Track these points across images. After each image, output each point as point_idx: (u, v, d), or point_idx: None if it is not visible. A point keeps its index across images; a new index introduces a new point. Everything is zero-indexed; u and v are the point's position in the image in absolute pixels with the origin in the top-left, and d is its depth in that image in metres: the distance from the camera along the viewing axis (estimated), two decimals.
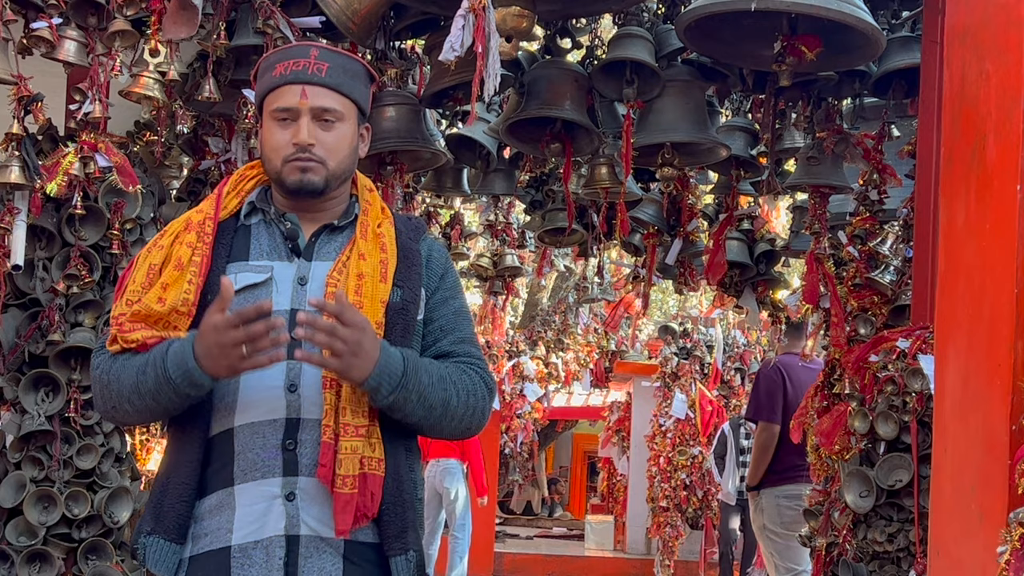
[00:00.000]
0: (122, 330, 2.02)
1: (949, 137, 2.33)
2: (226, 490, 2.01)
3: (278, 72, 2.11)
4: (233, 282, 2.02)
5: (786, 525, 5.85)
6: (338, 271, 2.06)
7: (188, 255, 2.06)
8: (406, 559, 2.04)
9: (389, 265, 2.09)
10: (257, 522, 1.99)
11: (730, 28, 3.55)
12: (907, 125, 4.47)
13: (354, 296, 2.02)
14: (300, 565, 1.98)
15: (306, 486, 1.99)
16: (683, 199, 5.18)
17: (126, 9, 3.24)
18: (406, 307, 2.09)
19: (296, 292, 2.06)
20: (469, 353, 2.16)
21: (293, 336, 1.99)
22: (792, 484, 5.81)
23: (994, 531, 1.91)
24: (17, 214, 3.29)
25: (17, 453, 3.45)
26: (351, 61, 2.19)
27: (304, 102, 2.08)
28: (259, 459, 2.00)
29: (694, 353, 11.05)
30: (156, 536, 2.01)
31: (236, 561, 1.98)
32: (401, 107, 4.17)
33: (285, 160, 2.08)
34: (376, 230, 2.13)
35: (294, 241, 2.11)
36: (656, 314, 15.94)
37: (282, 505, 1.99)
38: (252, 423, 2.01)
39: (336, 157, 2.11)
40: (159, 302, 2.02)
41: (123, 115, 3.97)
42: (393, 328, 2.06)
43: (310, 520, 1.99)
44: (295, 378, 2.02)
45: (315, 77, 2.09)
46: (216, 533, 2.01)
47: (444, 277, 2.20)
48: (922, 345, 3.22)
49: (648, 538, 11.34)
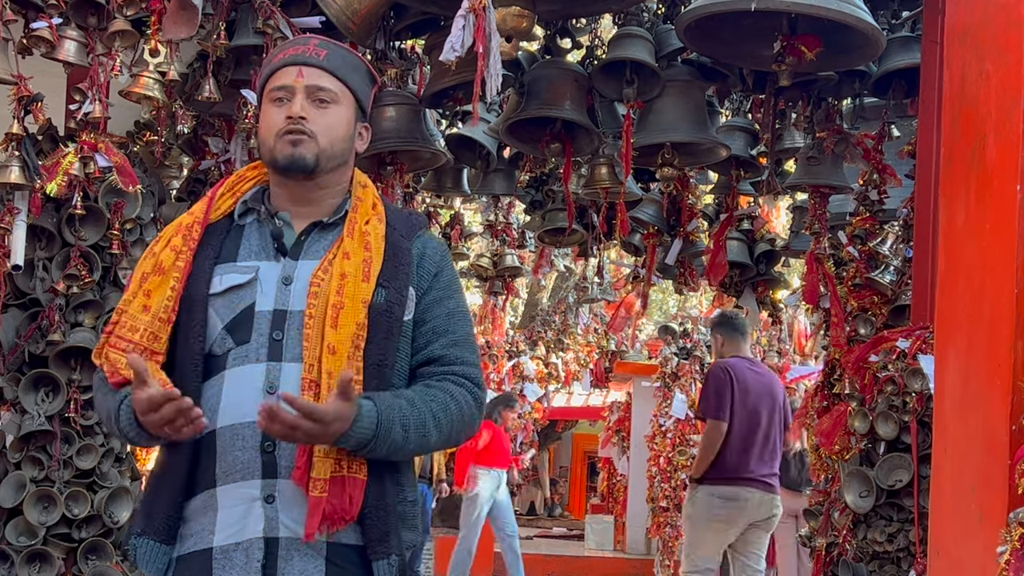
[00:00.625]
0: (114, 346, 2.05)
1: (949, 137, 2.33)
2: (209, 491, 2.01)
3: (278, 58, 2.15)
4: (219, 283, 2.04)
5: (710, 522, 5.95)
6: (323, 270, 2.04)
7: (171, 259, 2.06)
8: (388, 563, 2.02)
9: (372, 264, 2.05)
10: (237, 524, 1.99)
11: (730, 28, 3.55)
12: (907, 125, 4.47)
13: (335, 296, 2.00)
14: (279, 567, 1.97)
15: (285, 488, 1.98)
16: (683, 199, 5.18)
17: (126, 9, 3.24)
18: (390, 308, 2.05)
19: (280, 292, 2.05)
20: (461, 359, 2.11)
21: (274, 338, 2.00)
22: (730, 486, 5.90)
23: (994, 531, 1.91)
24: (17, 214, 3.29)
25: (17, 453, 3.45)
26: (351, 54, 2.20)
27: (299, 80, 2.09)
28: (239, 461, 1.99)
29: (694, 353, 11.03)
30: (146, 537, 2.02)
31: (217, 563, 1.98)
32: (401, 107, 4.17)
33: (278, 135, 2.09)
34: (363, 227, 2.10)
35: (279, 240, 2.10)
36: (656, 314, 15.95)
37: (261, 507, 1.98)
38: (233, 425, 2.00)
39: (328, 136, 2.10)
40: (144, 310, 2.03)
41: (123, 115, 3.97)
42: (376, 330, 2.02)
43: (289, 522, 1.98)
44: (275, 380, 2.00)
45: (312, 59, 2.12)
46: (200, 534, 2.01)
47: (438, 276, 2.15)
48: (922, 345, 3.22)
49: (648, 538, 11.33)
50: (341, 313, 1.99)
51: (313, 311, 2.00)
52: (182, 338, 2.04)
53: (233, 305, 2.04)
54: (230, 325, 2.03)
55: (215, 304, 2.04)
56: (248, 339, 2.02)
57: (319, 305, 2.00)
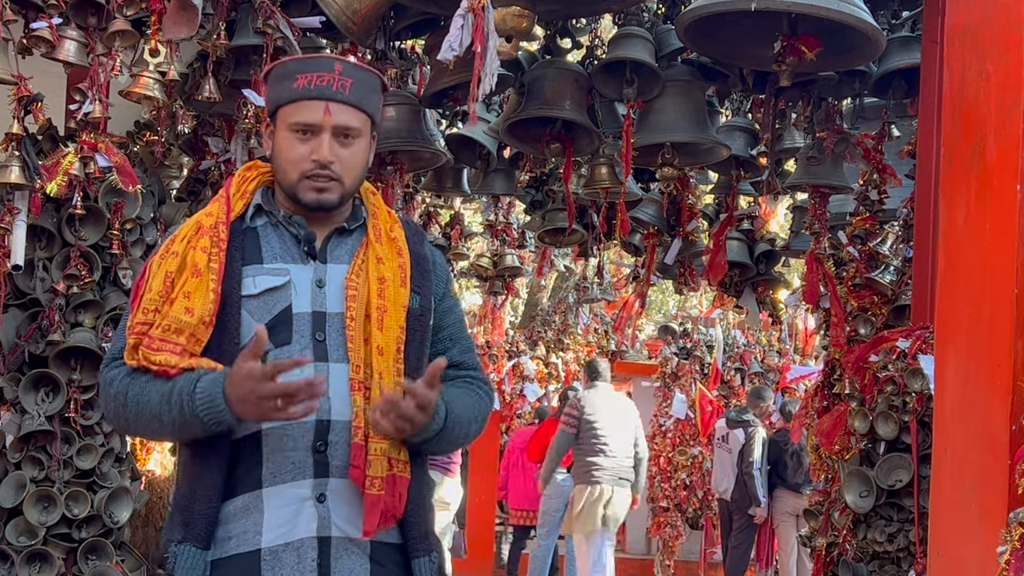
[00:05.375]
0: (149, 347, 1.99)
1: (949, 137, 2.33)
2: (254, 493, 2.00)
3: (300, 84, 2.08)
4: (253, 285, 2.03)
5: None
6: (355, 274, 2.06)
7: (205, 261, 2.04)
8: (429, 560, 2.05)
9: (407, 270, 2.10)
10: (287, 524, 1.98)
11: (730, 28, 3.55)
12: (907, 125, 4.47)
13: (377, 299, 2.03)
14: (332, 567, 1.98)
15: (336, 487, 1.99)
16: (683, 199, 5.18)
17: (126, 9, 3.24)
18: (423, 313, 2.11)
19: (315, 295, 2.06)
20: (475, 364, 2.21)
21: (317, 339, 2.01)
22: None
23: (994, 531, 1.91)
24: (17, 214, 3.29)
25: (17, 453, 3.45)
26: (371, 76, 2.17)
27: (327, 119, 2.06)
28: (290, 461, 1.99)
29: (694, 353, 11.04)
30: (187, 544, 1.99)
31: (266, 564, 1.97)
32: (401, 107, 4.18)
33: (303, 175, 2.07)
34: (390, 234, 2.14)
35: (310, 244, 2.10)
36: (656, 314, 15.94)
37: (313, 507, 1.99)
38: (282, 425, 1.99)
39: (352, 174, 2.10)
40: (187, 312, 1.99)
41: (123, 115, 3.97)
42: (413, 335, 2.07)
43: (340, 522, 1.99)
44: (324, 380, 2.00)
45: (339, 95, 2.07)
46: (243, 536, 2.00)
47: (448, 283, 2.22)
48: (922, 345, 3.22)
49: (648, 538, 11.33)
50: (385, 316, 2.03)
51: (353, 313, 2.02)
52: (215, 340, 2.02)
53: (269, 307, 2.03)
54: (267, 327, 2.00)
55: (249, 306, 2.03)
56: (289, 341, 2.01)
57: (358, 308, 2.02)
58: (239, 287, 2.04)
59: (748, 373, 11.54)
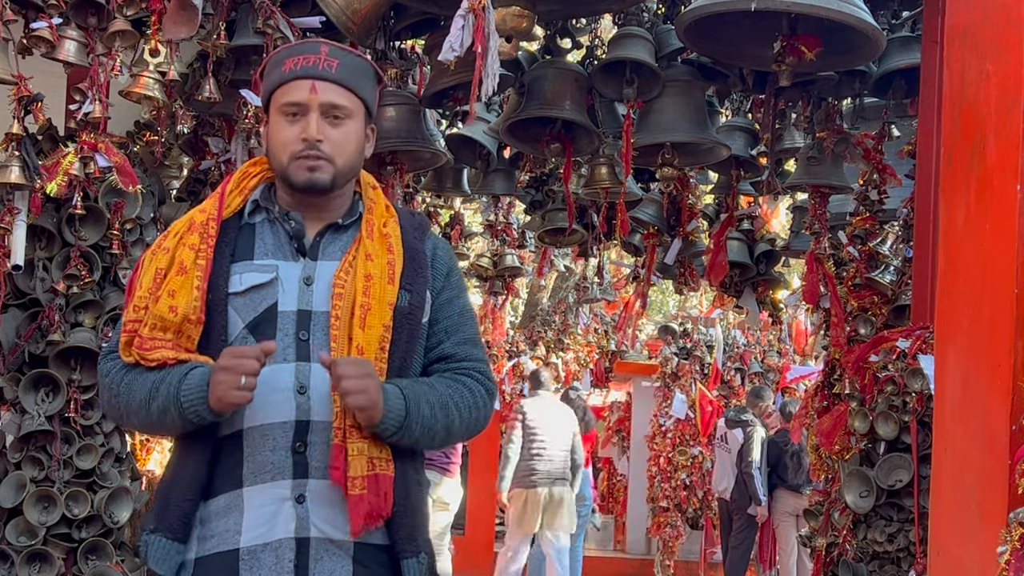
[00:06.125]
0: (142, 346, 2.00)
1: (949, 137, 2.33)
2: (234, 492, 2.00)
3: (287, 67, 2.09)
4: (239, 282, 2.02)
5: None
6: (344, 271, 2.04)
7: (191, 258, 2.04)
8: (417, 561, 2.02)
9: (396, 266, 2.07)
10: (266, 524, 1.98)
11: (730, 28, 3.55)
12: (907, 125, 4.47)
13: (362, 297, 2.00)
14: (310, 568, 1.97)
15: (316, 488, 1.98)
16: (683, 199, 5.19)
17: (126, 9, 3.24)
18: (413, 311, 2.07)
19: (303, 292, 2.04)
20: (472, 356, 2.14)
21: (300, 338, 1.99)
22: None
23: (994, 531, 1.91)
24: (17, 214, 3.29)
25: (17, 453, 3.44)
26: (360, 60, 2.17)
27: (314, 97, 2.06)
28: (269, 461, 1.98)
29: (694, 353, 11.04)
30: (158, 534, 2.00)
31: (244, 563, 1.97)
32: (401, 107, 4.17)
33: (293, 156, 2.06)
34: (382, 230, 2.11)
35: (299, 240, 2.10)
36: (656, 314, 15.93)
37: (292, 507, 1.98)
38: (262, 425, 1.99)
39: (343, 154, 2.09)
40: (171, 311, 2.00)
41: (123, 115, 3.97)
42: (400, 333, 2.04)
43: (319, 522, 1.98)
44: (304, 380, 2.00)
45: (325, 73, 2.08)
46: (223, 535, 2.00)
47: (449, 276, 2.18)
48: (922, 345, 3.22)
49: (648, 538, 11.33)
50: (368, 314, 2.00)
51: (338, 312, 2.00)
52: (203, 337, 2.02)
53: (255, 304, 2.02)
54: (252, 324, 2.02)
55: (235, 303, 2.03)
56: (272, 339, 2.00)
57: (344, 306, 2.00)
58: (226, 284, 2.03)
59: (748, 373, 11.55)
